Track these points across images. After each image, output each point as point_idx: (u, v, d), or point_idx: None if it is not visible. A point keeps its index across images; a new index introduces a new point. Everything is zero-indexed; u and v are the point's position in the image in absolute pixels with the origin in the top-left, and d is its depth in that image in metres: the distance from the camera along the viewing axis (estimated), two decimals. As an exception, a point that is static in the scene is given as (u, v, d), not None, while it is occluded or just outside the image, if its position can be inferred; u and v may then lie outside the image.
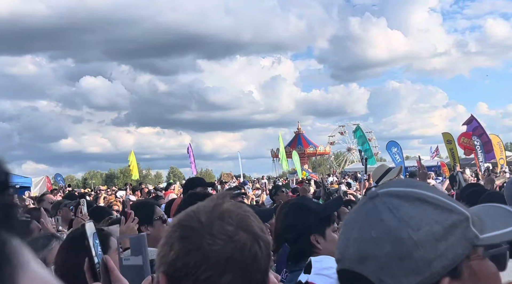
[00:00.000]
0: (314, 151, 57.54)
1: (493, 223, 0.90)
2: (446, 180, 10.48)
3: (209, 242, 1.01)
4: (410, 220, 0.85)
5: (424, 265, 0.83)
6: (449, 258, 0.83)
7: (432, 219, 0.85)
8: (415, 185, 0.92)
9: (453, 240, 0.84)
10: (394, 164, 30.27)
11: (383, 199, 0.89)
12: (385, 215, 0.87)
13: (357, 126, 38.76)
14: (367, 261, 0.86)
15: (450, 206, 0.88)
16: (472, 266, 0.86)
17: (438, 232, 0.84)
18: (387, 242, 0.85)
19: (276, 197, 7.68)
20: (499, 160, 24.97)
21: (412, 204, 0.87)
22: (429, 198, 0.88)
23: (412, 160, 33.28)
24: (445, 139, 27.89)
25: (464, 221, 0.86)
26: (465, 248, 0.85)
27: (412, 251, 0.83)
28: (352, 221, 0.93)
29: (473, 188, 5.15)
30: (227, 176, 34.68)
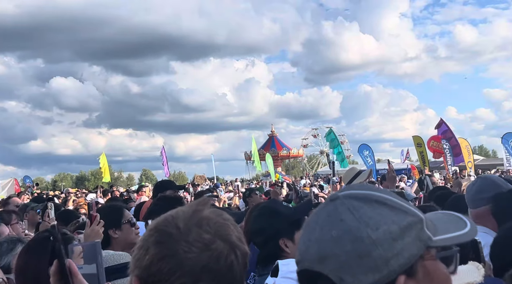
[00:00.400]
0: (288, 154, 57.74)
1: (445, 227, 0.94)
2: (415, 183, 10.67)
3: (185, 249, 1.00)
4: (369, 220, 0.88)
5: (382, 263, 0.85)
6: (405, 257, 0.86)
7: (390, 219, 0.88)
8: (373, 188, 0.96)
9: (409, 240, 0.87)
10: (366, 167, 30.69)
11: (343, 201, 0.92)
12: (345, 215, 0.90)
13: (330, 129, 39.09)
14: (327, 260, 0.88)
15: (405, 208, 0.91)
16: (426, 266, 0.89)
17: (395, 232, 0.87)
18: (347, 241, 0.87)
19: (249, 199, 7.69)
20: (467, 163, 25.55)
21: (371, 206, 0.90)
22: (386, 200, 0.91)
23: (384, 163, 33.77)
24: (415, 142, 28.38)
25: (419, 222, 0.90)
26: (420, 248, 0.88)
27: (371, 249, 0.86)
28: (313, 222, 0.94)
29: (440, 191, 5.25)
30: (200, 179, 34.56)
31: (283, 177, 30.86)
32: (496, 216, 2.66)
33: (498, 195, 2.76)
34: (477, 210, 2.81)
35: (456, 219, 0.97)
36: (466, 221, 0.96)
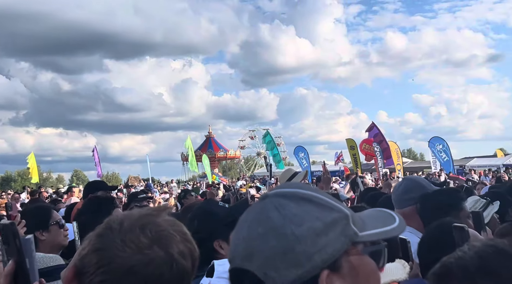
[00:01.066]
0: (225, 155, 57.75)
1: (374, 223, 0.97)
2: (347, 184, 10.97)
3: (118, 247, 1.01)
4: (294, 217, 0.89)
5: (305, 258, 0.87)
6: (329, 253, 0.88)
7: (314, 216, 0.90)
8: (301, 186, 0.98)
9: (333, 236, 0.89)
10: (301, 169, 31.26)
11: (271, 199, 0.94)
12: (271, 213, 0.91)
13: (267, 131, 39.63)
14: (254, 257, 0.89)
15: (331, 204, 0.94)
16: (351, 261, 0.91)
17: (319, 228, 0.89)
18: (272, 237, 0.89)
19: (184, 201, 7.61)
20: (396, 165, 26.63)
21: (297, 203, 0.92)
22: (312, 197, 0.94)
23: (318, 165, 34.54)
24: (349, 145, 29.30)
25: (344, 218, 0.92)
26: (344, 244, 0.90)
27: (295, 245, 0.87)
28: (243, 221, 0.96)
29: (372, 192, 5.43)
30: (134, 180, 33.83)
31: (220, 178, 30.84)
32: (421, 216, 2.77)
33: (423, 196, 2.89)
34: (403, 210, 2.92)
35: (386, 215, 1.00)
36: (395, 217, 0.99)
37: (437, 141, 26.61)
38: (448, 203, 2.72)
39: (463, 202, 2.79)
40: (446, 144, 26.20)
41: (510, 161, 30.23)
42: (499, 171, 22.48)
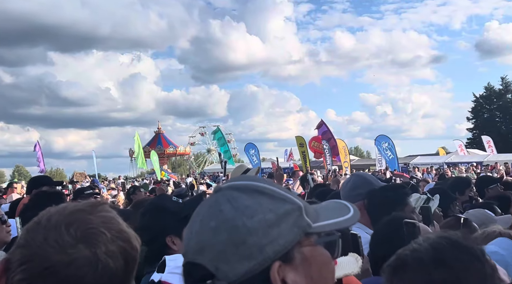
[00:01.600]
0: (174, 151, 57.05)
1: (328, 214, 0.98)
2: (297, 181, 11.09)
3: (39, 245, 0.97)
4: (246, 209, 0.90)
5: (257, 250, 0.87)
6: (281, 244, 0.88)
7: (266, 208, 0.90)
8: (254, 179, 0.98)
9: (285, 227, 0.90)
10: (252, 166, 31.31)
11: (224, 192, 0.94)
12: (224, 206, 0.91)
13: (217, 127, 39.48)
14: (205, 250, 0.89)
15: (284, 196, 0.94)
16: (304, 252, 0.91)
17: (271, 219, 0.89)
18: (224, 230, 0.88)
19: (133, 197, 7.49)
20: (343, 163, 27.19)
21: (250, 195, 0.92)
22: (265, 189, 0.94)
23: (268, 162, 34.82)
24: (298, 142, 29.68)
25: (297, 210, 0.93)
26: (297, 235, 0.91)
27: (246, 237, 0.87)
28: (196, 215, 0.95)
29: (321, 188, 5.54)
30: (80, 176, 32.89)
31: (169, 175, 30.48)
32: (369, 212, 2.84)
33: (371, 192, 2.96)
34: (351, 206, 3.00)
35: (341, 206, 1.01)
36: (350, 208, 1.00)
37: (383, 139, 27.37)
38: (393, 199, 2.80)
39: (408, 198, 2.88)
40: (391, 142, 27.00)
41: (451, 159, 31.54)
42: (441, 169, 23.39)
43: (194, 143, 60.39)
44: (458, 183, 5.18)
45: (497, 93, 58.43)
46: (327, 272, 0.95)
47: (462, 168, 23.33)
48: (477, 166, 24.57)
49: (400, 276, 1.21)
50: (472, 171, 21.90)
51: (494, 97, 58.46)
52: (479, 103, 59.57)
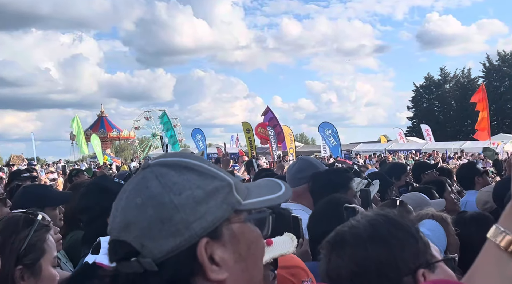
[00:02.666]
0: (118, 135, 55.83)
1: (259, 191, 0.99)
2: (242, 166, 11.15)
3: None
4: (173, 186, 0.89)
5: (183, 227, 0.86)
6: (209, 221, 0.88)
7: (195, 184, 0.90)
8: (184, 155, 0.97)
9: (214, 204, 0.90)
10: (198, 151, 31.09)
11: (152, 168, 0.93)
12: (151, 182, 0.90)
13: (163, 112, 38.83)
14: (131, 227, 0.88)
15: (214, 173, 0.94)
16: (232, 229, 0.91)
17: (199, 196, 0.89)
18: (150, 207, 0.87)
19: (76, 179, 7.27)
20: (289, 149, 27.58)
21: (179, 172, 0.91)
22: (195, 166, 0.93)
23: (214, 147, 34.73)
24: (245, 128, 29.78)
25: (227, 186, 0.93)
26: (226, 212, 0.91)
27: (173, 214, 0.86)
28: (123, 191, 0.94)
29: (265, 173, 5.59)
30: (17, 159, 31.54)
31: (112, 159, 29.81)
32: (313, 194, 2.90)
33: (315, 175, 3.02)
34: (295, 189, 3.05)
35: (273, 184, 1.02)
36: (282, 185, 1.01)
37: (326, 126, 27.91)
38: (337, 182, 2.88)
39: (351, 182, 2.96)
40: (335, 129, 27.58)
41: (392, 147, 32.66)
42: (382, 156, 24.16)
43: (139, 127, 59.17)
44: (394, 168, 5.39)
45: (436, 83, 60.89)
46: (256, 249, 0.96)
47: (401, 155, 24.22)
48: (416, 154, 25.58)
49: (338, 252, 1.24)
50: (411, 158, 22.79)
51: (433, 87, 60.89)
52: (419, 92, 61.87)
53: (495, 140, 26.17)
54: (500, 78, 56.46)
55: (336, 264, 1.23)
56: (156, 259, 0.85)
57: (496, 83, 55.93)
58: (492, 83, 54.37)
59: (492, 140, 25.69)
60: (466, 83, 58.93)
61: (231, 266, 0.90)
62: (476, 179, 4.66)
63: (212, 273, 0.87)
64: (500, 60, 56.73)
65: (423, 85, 61.76)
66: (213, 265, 0.88)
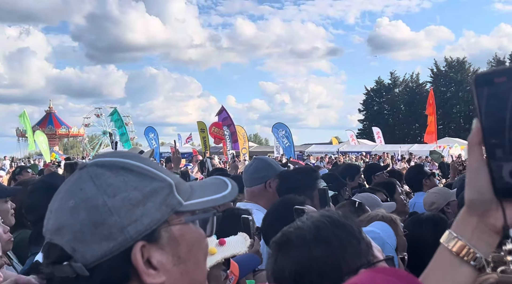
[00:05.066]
0: (67, 132, 54.26)
1: (204, 191, 0.96)
2: (195, 165, 11.09)
3: None
4: (108, 188, 0.86)
5: (117, 230, 0.84)
6: (145, 223, 0.86)
7: (132, 185, 0.87)
8: (122, 155, 0.94)
9: (151, 206, 0.87)
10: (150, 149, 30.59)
11: (89, 169, 0.90)
12: (86, 184, 0.87)
13: (114, 109, 38.02)
14: (63, 230, 0.85)
15: (154, 174, 0.91)
16: (172, 231, 0.89)
17: (136, 198, 0.86)
18: (83, 209, 0.85)
19: (19, 177, 7.00)
20: (241, 149, 27.61)
21: (115, 173, 0.88)
22: (133, 167, 0.90)
23: (167, 146, 34.33)
24: (199, 127, 29.60)
25: (166, 187, 0.90)
26: (165, 214, 0.88)
27: (106, 217, 0.84)
28: (57, 192, 0.91)
29: (218, 172, 5.60)
30: (-42, 155, 30.09)
31: (60, 157, 28.94)
32: (280, 194, 2.88)
33: (282, 174, 3.01)
34: (252, 189, 3.05)
35: (219, 183, 1.00)
36: (228, 184, 0.99)
37: (280, 127, 28.14)
38: (305, 182, 2.87)
39: (318, 182, 2.96)
40: (288, 130, 27.85)
41: (343, 149, 33.33)
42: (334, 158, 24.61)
43: (89, 124, 57.71)
44: (348, 169, 5.49)
45: (386, 87, 62.63)
46: (197, 250, 0.94)
47: (352, 157, 24.75)
48: (366, 156, 26.21)
49: (284, 252, 1.25)
50: (361, 160, 23.33)
51: (384, 91, 62.61)
52: (369, 96, 63.46)
53: (441, 144, 27.20)
54: (446, 84, 58.72)
55: (282, 264, 1.24)
56: (88, 264, 0.83)
57: (443, 88, 58.11)
58: (439, 88, 56.42)
59: (439, 144, 26.68)
60: (415, 88, 60.94)
61: (169, 269, 0.88)
62: (423, 182, 4.82)
63: (148, 277, 0.85)
64: (447, 66, 59.00)
65: (374, 88, 63.39)
66: (149, 269, 0.85)
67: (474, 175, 0.74)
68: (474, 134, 0.73)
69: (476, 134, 0.73)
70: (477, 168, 0.73)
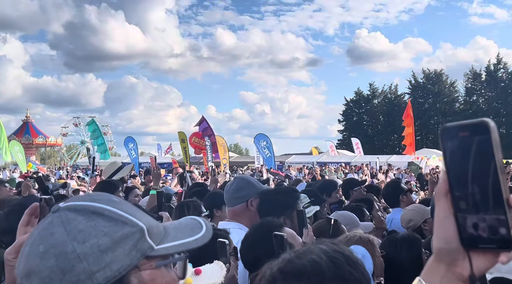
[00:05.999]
0: (44, 142, 53.40)
1: (178, 233, 0.96)
2: (175, 178, 11.03)
3: None
4: (79, 234, 0.86)
5: (86, 277, 0.84)
6: (114, 270, 0.86)
7: (102, 231, 0.87)
8: (95, 199, 0.93)
9: (121, 252, 0.87)
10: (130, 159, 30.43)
11: (61, 213, 0.90)
12: (56, 229, 0.88)
13: (92, 119, 37.69)
14: (32, 276, 0.85)
15: (125, 219, 0.91)
16: (142, 276, 0.89)
17: (105, 244, 0.86)
18: (52, 256, 0.85)
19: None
20: (222, 160, 27.56)
21: (87, 218, 0.88)
22: (105, 211, 0.90)
23: (146, 156, 34.08)
24: (180, 138, 29.48)
25: (137, 233, 0.90)
26: (135, 259, 0.88)
27: (75, 264, 0.84)
28: (30, 236, 0.92)
29: (197, 188, 5.57)
30: None
31: (38, 167, 28.48)
32: (260, 214, 2.88)
33: (263, 193, 3.01)
34: (234, 208, 3.06)
35: (194, 224, 1.00)
36: (203, 226, 0.99)
37: (261, 138, 28.23)
38: (284, 203, 2.88)
39: (298, 202, 2.96)
40: (269, 141, 27.94)
41: (323, 159, 33.52)
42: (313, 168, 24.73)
43: (67, 134, 56.92)
44: (326, 185, 5.50)
45: (365, 98, 63.32)
46: None
47: (332, 168, 24.91)
48: (346, 167, 26.39)
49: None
50: (341, 170, 23.49)
51: (363, 102, 63.26)
52: (349, 106, 64.06)
53: (419, 155, 27.54)
54: (424, 95, 59.62)
55: None
56: None
57: (420, 100, 58.97)
58: (417, 99, 57.26)
59: (417, 155, 27.04)
60: (393, 99, 61.71)
61: None
62: (400, 197, 4.86)
63: None
64: (425, 78, 59.95)
65: (353, 99, 64.01)
66: None
67: (442, 225, 0.76)
68: (441, 185, 0.75)
69: (442, 185, 0.74)
70: (444, 218, 0.75)
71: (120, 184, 5.01)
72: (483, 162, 0.69)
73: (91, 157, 8.39)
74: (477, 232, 0.71)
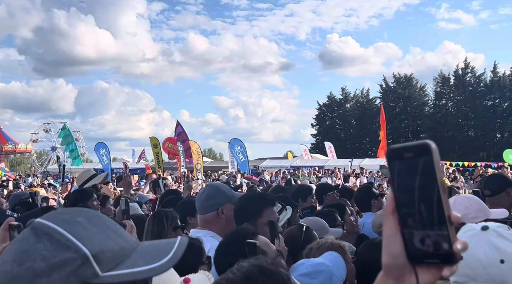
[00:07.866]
0: (14, 149, 52.23)
1: (139, 259, 0.92)
2: (147, 185, 10.92)
3: None
4: (21, 255, 0.86)
5: None
6: None
7: (41, 255, 0.86)
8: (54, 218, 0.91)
9: (57, 278, 0.85)
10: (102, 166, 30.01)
11: (27, 230, 0.90)
12: (12, 246, 0.88)
13: (64, 124, 37.05)
14: None
15: (71, 243, 0.88)
16: None
17: (40, 268, 0.85)
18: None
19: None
20: (196, 165, 27.45)
21: (37, 239, 0.88)
22: (55, 233, 0.88)
23: (119, 162, 33.68)
24: (152, 143, 29.23)
25: (78, 259, 0.87)
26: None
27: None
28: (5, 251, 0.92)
29: (170, 196, 5.50)
30: None
31: (7, 173, 27.86)
32: (236, 220, 2.87)
33: (240, 199, 3.01)
34: (205, 216, 3.05)
35: (164, 250, 0.96)
36: (171, 252, 0.95)
37: (236, 143, 28.25)
38: (249, 209, 2.88)
39: (264, 209, 2.94)
40: (243, 146, 27.99)
41: (297, 163, 33.70)
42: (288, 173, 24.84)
43: (37, 140, 55.73)
44: (301, 190, 5.54)
45: (338, 102, 63.99)
46: None
47: (305, 172, 25.07)
48: (319, 171, 26.60)
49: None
50: (314, 174, 23.66)
51: (335, 106, 63.92)
52: (322, 110, 64.64)
53: (390, 158, 27.88)
54: (395, 99, 60.58)
55: None
56: None
57: (391, 104, 59.87)
58: (388, 103, 58.08)
59: (388, 158, 27.36)
60: (365, 103, 62.55)
61: None
62: (372, 202, 4.93)
63: None
64: (396, 82, 60.93)
65: (326, 103, 64.61)
66: None
67: (389, 241, 0.79)
68: (388, 204, 0.79)
69: (390, 203, 0.78)
70: (391, 235, 0.78)
71: (94, 192, 4.94)
72: (426, 181, 0.75)
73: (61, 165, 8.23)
74: (423, 248, 0.76)
